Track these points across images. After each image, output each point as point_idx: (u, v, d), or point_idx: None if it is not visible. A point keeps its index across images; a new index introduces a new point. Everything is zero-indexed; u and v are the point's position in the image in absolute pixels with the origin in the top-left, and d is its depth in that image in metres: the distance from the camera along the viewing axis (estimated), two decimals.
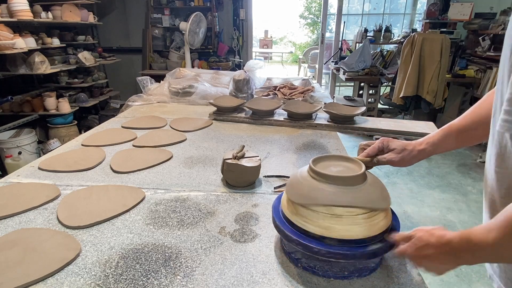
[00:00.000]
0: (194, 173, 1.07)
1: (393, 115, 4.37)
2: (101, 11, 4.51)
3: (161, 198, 0.92)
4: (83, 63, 3.63)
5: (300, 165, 1.13)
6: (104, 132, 1.44)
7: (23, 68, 3.03)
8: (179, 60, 4.49)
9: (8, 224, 0.79)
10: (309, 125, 1.55)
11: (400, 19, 5.68)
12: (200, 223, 0.81)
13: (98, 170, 1.08)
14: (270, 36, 10.33)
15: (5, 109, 3.20)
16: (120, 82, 4.80)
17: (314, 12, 12.03)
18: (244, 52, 4.88)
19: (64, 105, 3.34)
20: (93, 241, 0.73)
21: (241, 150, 0.99)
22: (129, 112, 1.78)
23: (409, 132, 1.45)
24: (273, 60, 11.16)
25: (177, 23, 4.36)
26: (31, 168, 1.09)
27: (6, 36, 2.63)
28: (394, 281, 0.63)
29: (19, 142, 2.92)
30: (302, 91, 2.11)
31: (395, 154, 0.76)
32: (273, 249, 0.72)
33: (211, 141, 1.37)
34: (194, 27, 3.20)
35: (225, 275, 0.64)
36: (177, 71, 2.41)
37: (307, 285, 0.62)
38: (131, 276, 0.63)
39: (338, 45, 5.05)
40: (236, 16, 4.66)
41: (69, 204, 0.87)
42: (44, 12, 3.15)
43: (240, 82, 1.88)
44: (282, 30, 13.08)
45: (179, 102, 2.00)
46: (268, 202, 0.90)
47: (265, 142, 1.35)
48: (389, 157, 0.76)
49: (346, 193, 0.60)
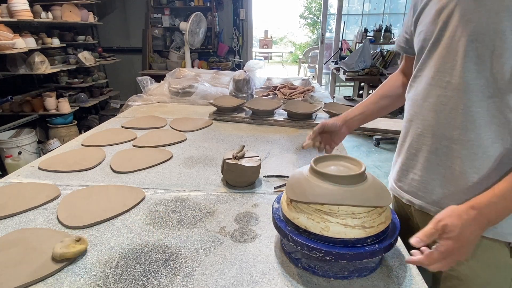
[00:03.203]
0: (194, 173, 1.07)
1: (393, 115, 4.36)
2: (101, 11, 4.51)
3: (161, 198, 0.92)
4: (83, 63, 3.63)
5: (300, 165, 1.13)
6: (104, 132, 1.44)
7: (23, 68, 3.03)
8: (179, 60, 4.49)
9: (8, 224, 0.79)
10: (309, 125, 1.55)
11: (400, 19, 5.67)
12: (200, 223, 0.81)
13: (98, 170, 1.08)
14: (270, 36, 10.33)
15: (5, 109, 3.20)
16: (120, 82, 4.80)
17: (314, 12, 12.04)
18: (244, 52, 4.88)
19: (64, 105, 3.34)
20: (93, 241, 0.73)
21: (241, 150, 0.99)
22: (129, 112, 1.78)
23: None
24: (273, 60, 11.17)
25: (177, 23, 4.37)
26: (31, 168, 1.09)
27: (6, 36, 2.63)
28: (394, 281, 0.63)
29: (19, 142, 2.92)
30: (302, 91, 2.11)
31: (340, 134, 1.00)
32: (273, 249, 0.72)
33: (211, 141, 1.37)
34: (194, 27, 3.20)
35: (225, 275, 0.64)
36: (177, 71, 2.41)
37: (307, 285, 0.62)
38: (131, 276, 0.63)
39: (338, 45, 5.05)
40: (236, 16, 4.66)
41: (69, 204, 0.87)
42: (44, 12, 3.15)
43: (240, 82, 1.88)
44: (282, 30, 13.09)
45: (179, 102, 2.01)
46: (268, 202, 0.90)
47: (265, 142, 1.35)
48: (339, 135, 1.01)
49: (346, 192, 0.60)
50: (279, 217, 0.67)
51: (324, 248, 0.58)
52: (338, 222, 0.58)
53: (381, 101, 1.01)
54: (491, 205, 0.60)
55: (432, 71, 0.74)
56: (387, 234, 0.62)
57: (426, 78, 0.75)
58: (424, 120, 0.76)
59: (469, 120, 0.67)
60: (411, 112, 0.81)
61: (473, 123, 0.67)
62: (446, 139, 0.72)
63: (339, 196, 0.59)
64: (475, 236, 0.60)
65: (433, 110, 0.73)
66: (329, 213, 0.59)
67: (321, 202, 0.59)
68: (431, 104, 0.74)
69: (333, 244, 0.59)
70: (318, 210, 0.60)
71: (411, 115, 0.81)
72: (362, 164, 0.66)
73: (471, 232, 0.59)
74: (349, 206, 0.58)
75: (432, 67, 0.73)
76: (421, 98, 0.77)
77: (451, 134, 0.71)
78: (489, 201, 0.60)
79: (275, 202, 0.73)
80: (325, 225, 0.59)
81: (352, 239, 0.58)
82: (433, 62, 0.73)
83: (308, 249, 0.59)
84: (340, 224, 0.58)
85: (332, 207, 0.59)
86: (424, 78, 0.76)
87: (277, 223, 0.65)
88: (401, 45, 0.94)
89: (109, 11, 4.67)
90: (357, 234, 0.58)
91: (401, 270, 0.66)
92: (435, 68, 0.73)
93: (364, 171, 0.63)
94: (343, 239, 0.58)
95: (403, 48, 0.93)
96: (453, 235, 0.58)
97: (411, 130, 0.81)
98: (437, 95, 0.72)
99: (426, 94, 0.75)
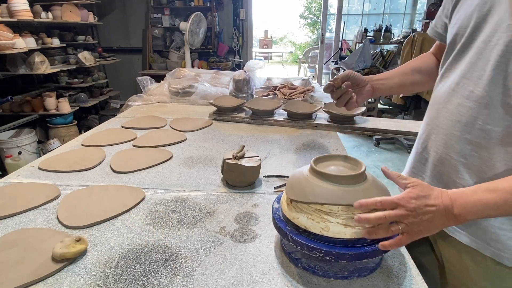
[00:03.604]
0: (194, 173, 1.07)
1: (393, 115, 4.37)
2: (101, 11, 4.51)
3: (161, 198, 0.92)
4: (83, 63, 3.63)
5: (300, 165, 1.13)
6: (104, 132, 1.44)
7: (23, 68, 3.03)
8: (179, 60, 4.49)
9: (8, 224, 0.79)
10: (309, 125, 1.55)
11: (400, 19, 5.68)
12: (200, 223, 0.81)
13: (98, 170, 1.08)
14: (270, 36, 10.34)
15: (5, 109, 3.20)
16: (120, 82, 4.80)
17: (314, 12, 12.04)
18: (244, 52, 4.88)
19: (64, 105, 3.34)
20: (93, 241, 0.73)
21: (241, 150, 0.99)
22: (129, 112, 1.78)
23: (409, 132, 1.45)
24: (273, 60, 11.17)
25: (177, 23, 4.37)
26: (31, 168, 1.09)
27: (6, 36, 2.63)
28: (394, 281, 0.63)
29: (19, 142, 2.92)
30: (302, 91, 2.10)
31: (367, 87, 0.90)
32: (273, 249, 0.72)
33: (211, 141, 1.37)
34: (194, 27, 3.20)
35: (225, 275, 0.64)
36: (177, 71, 2.41)
37: (307, 285, 0.62)
38: (131, 276, 0.63)
39: (338, 45, 5.05)
40: (236, 16, 4.66)
41: (69, 204, 0.87)
42: (44, 12, 3.15)
43: (240, 82, 1.88)
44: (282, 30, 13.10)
45: (179, 102, 2.00)
46: (268, 202, 0.90)
47: (265, 142, 1.35)
48: (366, 93, 0.90)
49: (346, 192, 0.60)
50: (279, 217, 0.67)
51: (324, 248, 0.58)
52: (338, 222, 0.58)
53: (413, 75, 0.90)
54: (473, 214, 0.56)
55: (458, 76, 0.68)
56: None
57: (451, 82, 0.71)
58: (439, 128, 0.72)
59: (484, 137, 0.63)
60: (429, 115, 0.78)
61: (488, 141, 0.62)
62: (456, 152, 0.68)
63: (339, 196, 0.59)
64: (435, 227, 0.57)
65: (449, 119, 0.69)
66: (329, 213, 0.59)
67: (321, 202, 0.59)
68: (449, 112, 0.70)
69: (333, 244, 0.59)
70: (318, 210, 0.60)
71: (429, 117, 0.78)
72: (362, 164, 0.66)
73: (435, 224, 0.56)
74: (349, 206, 0.58)
75: (459, 72, 0.68)
76: (441, 102, 0.73)
77: (462, 147, 0.67)
78: (474, 213, 0.55)
79: (275, 202, 0.73)
80: (325, 225, 0.59)
81: (352, 239, 0.58)
82: (462, 66, 0.68)
83: (308, 249, 0.59)
84: (340, 224, 0.58)
85: (332, 207, 0.59)
86: (449, 81, 0.71)
87: (277, 223, 0.65)
88: (438, 31, 0.83)
89: (109, 11, 4.67)
90: (357, 234, 0.58)
91: (401, 270, 0.66)
92: (462, 74, 0.67)
93: (364, 171, 0.63)
94: (343, 239, 0.58)
95: (440, 35, 0.83)
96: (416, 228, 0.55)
97: (426, 132, 0.78)
98: (457, 103, 0.68)
99: (447, 99, 0.71)
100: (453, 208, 0.55)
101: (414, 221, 0.54)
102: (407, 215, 0.54)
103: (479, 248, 0.67)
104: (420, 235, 0.56)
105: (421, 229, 0.55)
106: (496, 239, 0.64)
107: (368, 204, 0.56)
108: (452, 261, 0.74)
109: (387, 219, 0.55)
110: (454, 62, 0.71)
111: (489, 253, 0.66)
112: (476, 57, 0.64)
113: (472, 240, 0.68)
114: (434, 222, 0.55)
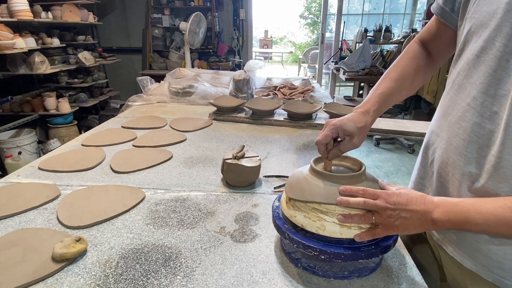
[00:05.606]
0: (194, 173, 1.07)
1: (393, 115, 4.37)
2: (101, 11, 4.51)
3: (161, 198, 0.92)
4: (83, 63, 3.63)
5: (300, 165, 1.13)
6: (104, 132, 1.44)
7: (23, 68, 3.03)
8: (179, 60, 4.49)
9: (8, 224, 0.79)
10: (309, 125, 1.55)
11: (400, 19, 5.68)
12: (200, 223, 0.81)
13: (98, 170, 1.08)
14: (270, 36, 10.34)
15: (5, 109, 3.20)
16: (120, 82, 4.80)
17: (314, 12, 12.04)
18: (244, 52, 4.88)
19: (64, 105, 3.34)
20: (93, 241, 0.73)
21: (241, 150, 0.99)
22: (129, 112, 1.78)
23: (409, 132, 1.45)
24: (273, 60, 11.17)
25: (177, 23, 4.37)
26: (31, 168, 1.09)
27: (6, 36, 2.63)
28: (394, 281, 0.63)
29: (19, 142, 2.92)
30: (302, 91, 2.10)
31: (356, 138, 0.71)
32: (273, 249, 0.72)
33: (211, 141, 1.37)
34: (194, 27, 3.20)
35: (225, 275, 0.64)
36: (177, 71, 2.41)
37: (307, 285, 0.62)
38: (131, 276, 0.63)
39: (338, 45, 5.05)
40: (236, 16, 4.66)
41: (69, 204, 0.87)
42: (44, 12, 3.15)
43: (240, 82, 1.88)
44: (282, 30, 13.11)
45: (179, 102, 2.01)
46: (268, 202, 0.90)
47: (265, 142, 1.35)
48: (351, 145, 0.71)
49: None
50: (278, 215, 0.68)
51: (319, 247, 0.58)
52: (334, 221, 0.58)
53: (401, 87, 0.78)
54: (453, 224, 0.53)
55: (477, 90, 0.56)
56: (385, 236, 0.62)
57: (466, 96, 0.59)
58: (448, 144, 0.63)
59: (499, 167, 0.53)
60: (436, 123, 0.69)
61: (502, 174, 0.53)
62: (462, 174, 0.60)
63: (336, 196, 0.59)
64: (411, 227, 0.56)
65: (462, 138, 0.59)
66: (325, 212, 0.59)
67: (318, 201, 0.59)
68: (462, 129, 0.59)
69: (329, 243, 0.59)
70: (315, 209, 0.60)
71: (436, 126, 0.69)
72: (362, 164, 0.66)
73: (412, 224, 0.55)
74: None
75: (478, 85, 0.56)
76: (454, 115, 0.62)
77: (474, 177, 0.58)
78: (453, 223, 0.53)
79: (276, 200, 0.73)
80: (321, 224, 0.59)
81: (348, 239, 0.58)
82: (482, 77, 0.56)
83: (303, 247, 0.59)
84: (336, 224, 0.58)
85: (329, 206, 0.59)
86: (464, 93, 0.60)
87: (276, 221, 0.66)
88: (442, 6, 0.69)
89: (109, 11, 4.67)
90: (353, 234, 0.58)
91: (401, 270, 0.66)
92: (482, 89, 0.55)
93: (364, 171, 0.63)
94: (339, 239, 0.58)
95: (444, 11, 0.68)
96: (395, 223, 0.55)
97: (430, 140, 0.71)
98: (473, 122, 0.57)
99: (461, 114, 0.60)
100: (433, 213, 0.54)
101: (392, 214, 0.55)
102: (386, 207, 0.56)
103: (481, 273, 0.63)
104: (396, 231, 0.57)
105: (397, 224, 0.56)
106: (499, 267, 0.60)
107: (352, 190, 0.58)
108: (452, 273, 0.71)
109: (365, 205, 0.57)
110: (470, 68, 0.59)
111: (492, 279, 0.61)
112: (500, 69, 0.52)
113: (473, 264, 0.63)
114: (411, 220, 0.55)
